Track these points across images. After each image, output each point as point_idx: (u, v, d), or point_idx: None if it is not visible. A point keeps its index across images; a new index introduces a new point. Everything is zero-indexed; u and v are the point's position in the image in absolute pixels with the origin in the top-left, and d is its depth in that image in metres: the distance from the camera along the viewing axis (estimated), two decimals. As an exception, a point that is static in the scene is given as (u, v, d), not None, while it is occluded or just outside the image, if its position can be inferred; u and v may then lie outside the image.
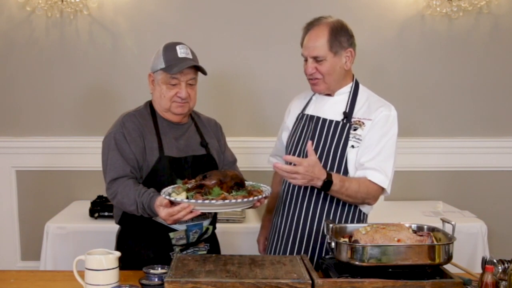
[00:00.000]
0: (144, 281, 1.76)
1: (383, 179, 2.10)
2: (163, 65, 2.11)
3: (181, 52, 2.13)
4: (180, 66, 2.09)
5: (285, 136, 2.37)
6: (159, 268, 1.81)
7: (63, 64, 3.50)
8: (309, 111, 2.27)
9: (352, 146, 2.12)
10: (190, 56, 2.15)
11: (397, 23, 3.51)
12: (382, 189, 2.12)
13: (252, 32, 3.50)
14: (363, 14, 3.47)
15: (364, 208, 2.22)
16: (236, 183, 1.95)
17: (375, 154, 2.10)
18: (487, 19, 3.50)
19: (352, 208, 2.19)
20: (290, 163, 2.00)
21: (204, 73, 2.18)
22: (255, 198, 1.90)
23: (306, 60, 2.17)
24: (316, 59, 2.13)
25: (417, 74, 3.56)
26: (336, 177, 2.02)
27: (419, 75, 3.56)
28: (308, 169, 1.94)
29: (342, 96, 2.21)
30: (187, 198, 1.87)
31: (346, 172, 2.13)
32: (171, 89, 2.12)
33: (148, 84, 2.21)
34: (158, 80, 2.15)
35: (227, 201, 1.83)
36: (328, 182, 1.99)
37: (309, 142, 2.02)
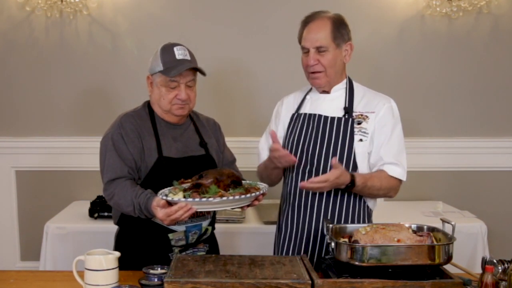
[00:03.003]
0: (143, 281, 1.76)
1: (401, 172, 2.15)
2: (161, 68, 2.09)
3: (178, 53, 2.11)
4: (178, 69, 2.07)
5: (279, 138, 2.33)
6: (159, 268, 1.81)
7: (63, 64, 3.50)
8: (305, 110, 2.26)
9: (360, 140, 2.14)
10: (188, 58, 2.13)
11: (397, 23, 3.51)
12: (401, 181, 2.17)
13: (251, 32, 3.49)
14: (363, 14, 3.47)
15: (371, 204, 2.24)
16: (233, 181, 1.95)
17: (390, 148, 2.14)
18: (487, 19, 3.50)
19: (357, 206, 2.19)
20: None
21: (203, 74, 2.17)
22: (253, 194, 1.90)
23: (306, 53, 2.16)
24: (319, 49, 2.12)
25: (417, 74, 3.56)
26: (359, 179, 2.05)
27: (419, 75, 3.56)
28: (334, 181, 1.98)
29: (338, 93, 2.21)
30: (184, 197, 1.86)
31: (355, 165, 2.14)
32: (170, 91, 2.11)
33: (147, 86, 2.20)
34: (156, 82, 2.13)
35: (224, 198, 1.83)
36: (351, 185, 2.04)
37: (334, 158, 2.01)
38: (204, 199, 1.83)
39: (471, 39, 3.52)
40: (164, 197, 1.89)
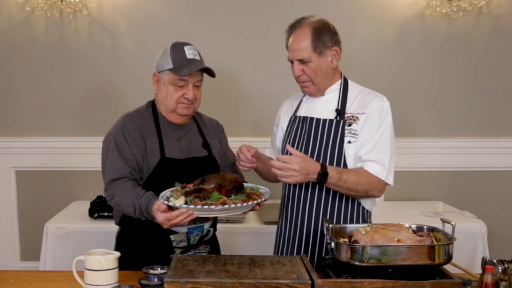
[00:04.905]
0: (143, 281, 1.76)
1: (381, 170, 2.08)
2: (170, 66, 2.08)
3: (189, 53, 2.11)
4: (190, 68, 2.07)
5: (279, 140, 2.36)
6: (159, 268, 1.81)
7: (63, 64, 3.50)
8: (301, 112, 2.27)
9: (349, 142, 2.12)
10: (198, 58, 2.13)
11: (397, 23, 3.51)
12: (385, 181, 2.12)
13: (253, 32, 3.49)
14: (364, 14, 3.46)
15: (368, 205, 2.22)
16: (235, 187, 1.94)
17: (372, 146, 2.10)
18: (487, 19, 3.50)
19: (356, 207, 2.18)
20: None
21: (213, 75, 2.16)
22: (254, 202, 1.89)
23: (292, 63, 2.17)
24: (302, 61, 2.12)
25: (417, 74, 3.56)
26: (332, 169, 2.02)
27: (419, 75, 3.56)
28: (302, 163, 1.95)
29: (332, 94, 2.20)
30: (186, 202, 1.85)
31: (345, 168, 2.12)
32: (178, 90, 2.10)
33: (152, 83, 2.18)
34: (164, 80, 2.12)
35: (226, 206, 1.82)
36: (324, 174, 1.99)
37: (288, 146, 2.04)
38: (205, 207, 1.82)
39: (471, 39, 3.52)
40: (166, 202, 1.87)
